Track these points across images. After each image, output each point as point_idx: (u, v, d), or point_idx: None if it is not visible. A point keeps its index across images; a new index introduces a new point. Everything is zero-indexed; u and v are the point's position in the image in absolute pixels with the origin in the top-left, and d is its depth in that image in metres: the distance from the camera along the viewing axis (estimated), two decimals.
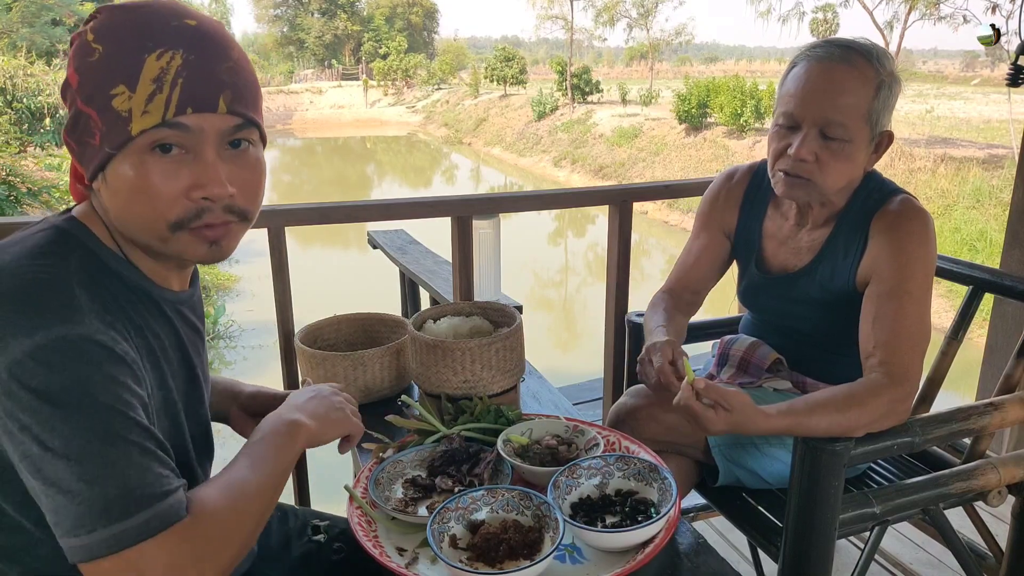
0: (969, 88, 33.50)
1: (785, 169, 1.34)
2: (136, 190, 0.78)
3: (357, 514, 1.06)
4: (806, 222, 1.46)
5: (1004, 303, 2.38)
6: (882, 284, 1.31)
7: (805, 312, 1.48)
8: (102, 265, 0.82)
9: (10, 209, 8.01)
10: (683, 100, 19.19)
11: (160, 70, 0.75)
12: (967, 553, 1.38)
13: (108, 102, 0.75)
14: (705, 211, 1.61)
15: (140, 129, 0.75)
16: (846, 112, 1.27)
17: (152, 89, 0.75)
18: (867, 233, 1.36)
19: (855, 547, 2.05)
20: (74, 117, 0.79)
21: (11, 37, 21.49)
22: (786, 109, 1.32)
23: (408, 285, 4.63)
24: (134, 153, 0.77)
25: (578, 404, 3.38)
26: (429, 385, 1.38)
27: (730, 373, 1.57)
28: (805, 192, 1.35)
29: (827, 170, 1.31)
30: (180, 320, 0.93)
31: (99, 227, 0.84)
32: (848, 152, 1.30)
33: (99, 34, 0.77)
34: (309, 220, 1.86)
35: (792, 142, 1.32)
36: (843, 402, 1.20)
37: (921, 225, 1.32)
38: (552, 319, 10.62)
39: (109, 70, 0.75)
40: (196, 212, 0.80)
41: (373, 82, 44.36)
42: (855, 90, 1.27)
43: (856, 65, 1.27)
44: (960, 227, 11.43)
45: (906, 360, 1.25)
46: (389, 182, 25.11)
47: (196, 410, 0.95)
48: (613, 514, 1.05)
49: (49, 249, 0.78)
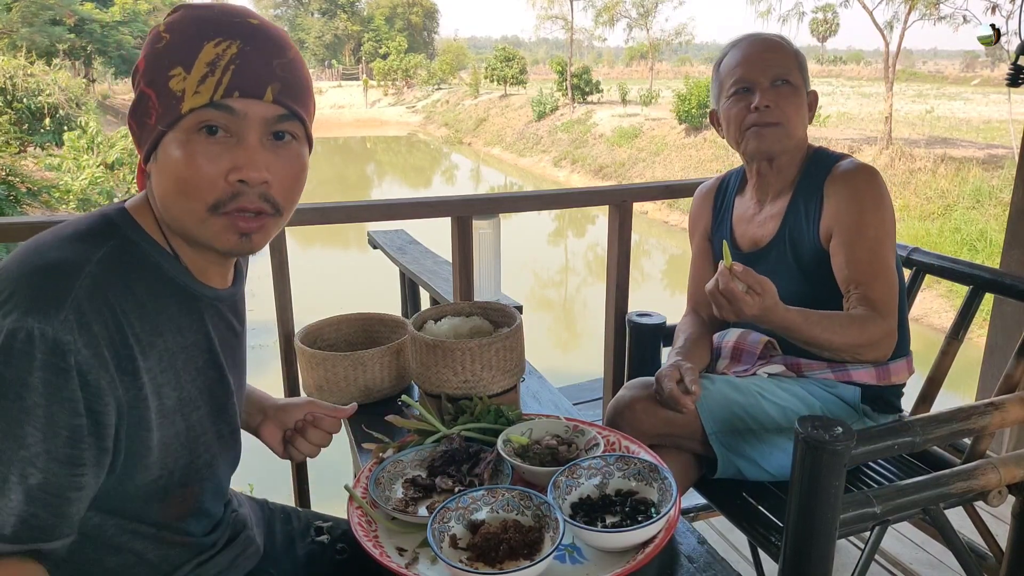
0: (969, 88, 33.52)
1: (753, 122, 1.52)
2: (181, 168, 0.81)
3: (357, 514, 1.06)
4: (766, 195, 1.62)
5: (1004, 303, 2.38)
6: (846, 233, 1.46)
7: (783, 283, 1.51)
8: (141, 256, 0.84)
9: (10, 209, 8.02)
10: (683, 100, 19.20)
11: (216, 55, 0.79)
12: (967, 553, 1.38)
13: (166, 83, 0.80)
14: (690, 228, 1.81)
15: (189, 107, 0.79)
16: (787, 64, 1.53)
17: (205, 71, 0.79)
18: (822, 194, 1.52)
19: (855, 547, 2.05)
20: (137, 99, 0.83)
21: (11, 37, 21.49)
22: (736, 78, 1.54)
23: (408, 285, 4.63)
24: (182, 131, 0.80)
25: (578, 404, 3.38)
26: (429, 385, 1.38)
27: (725, 364, 1.59)
28: (776, 137, 1.52)
29: (787, 111, 1.51)
30: (216, 318, 0.93)
31: (147, 218, 0.86)
32: (798, 97, 1.53)
33: (170, 26, 0.83)
34: (309, 220, 1.86)
35: (751, 100, 1.51)
36: (845, 320, 1.40)
37: (870, 175, 1.48)
38: (552, 319, 10.61)
39: (171, 54, 0.80)
40: (232, 194, 0.82)
41: (373, 82, 44.39)
42: (783, 51, 1.55)
43: (773, 38, 1.57)
44: (960, 227, 11.43)
45: (884, 296, 1.42)
46: (389, 182, 25.11)
47: (222, 412, 0.94)
48: (613, 514, 1.04)
49: (86, 235, 0.81)
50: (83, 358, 0.74)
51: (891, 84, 16.61)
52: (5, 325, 0.72)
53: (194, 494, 0.91)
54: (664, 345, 1.88)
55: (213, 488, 0.96)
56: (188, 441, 0.88)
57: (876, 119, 17.82)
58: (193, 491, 0.91)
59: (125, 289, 0.80)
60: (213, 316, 0.92)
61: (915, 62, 62.28)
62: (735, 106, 1.54)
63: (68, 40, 25.78)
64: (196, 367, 0.88)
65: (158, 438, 0.83)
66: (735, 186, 1.72)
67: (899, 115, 18.53)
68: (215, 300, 0.92)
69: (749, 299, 1.28)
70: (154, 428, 0.82)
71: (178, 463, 0.87)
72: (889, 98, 16.23)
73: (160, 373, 0.83)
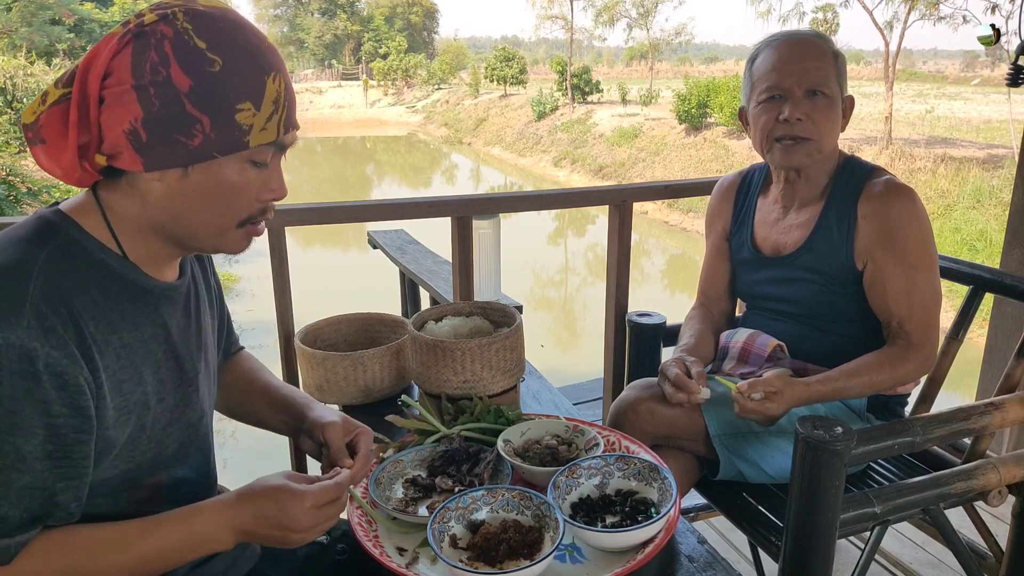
0: (969, 88, 33.50)
1: (783, 135, 1.45)
2: (227, 191, 0.86)
3: (358, 514, 1.06)
4: (792, 202, 1.56)
5: (1004, 303, 2.38)
6: (883, 267, 1.42)
7: (801, 292, 1.53)
8: (85, 254, 0.84)
9: (10, 209, 8.02)
10: (683, 100, 19.17)
11: (277, 92, 0.84)
12: (967, 553, 1.38)
13: (231, 115, 0.82)
14: (707, 222, 1.77)
15: (257, 143, 0.84)
16: (824, 71, 1.43)
17: (271, 110, 0.84)
18: (855, 212, 1.46)
19: (855, 547, 2.05)
20: (173, 114, 0.80)
21: (11, 37, 21.48)
22: (769, 84, 1.46)
23: (408, 285, 4.64)
24: (240, 160, 0.85)
25: (578, 404, 3.38)
26: (429, 385, 1.38)
27: (731, 365, 1.59)
28: (805, 152, 1.46)
29: (820, 125, 1.44)
30: (170, 309, 0.94)
31: (90, 218, 0.86)
32: (832, 108, 1.45)
33: (213, 44, 0.81)
34: (309, 220, 1.86)
35: (782, 110, 1.44)
36: (875, 365, 1.39)
37: (908, 202, 1.42)
38: (552, 319, 10.61)
39: (235, 86, 0.81)
40: (261, 210, 0.90)
41: (373, 82, 44.36)
42: (821, 56, 1.44)
43: (812, 40, 1.47)
44: (960, 227, 11.43)
45: (923, 325, 1.41)
46: (389, 182, 25.10)
47: (188, 401, 0.96)
48: (613, 514, 1.05)
49: (27, 237, 0.81)
50: (54, 360, 0.75)
51: (891, 84, 16.60)
52: None
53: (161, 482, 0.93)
54: (665, 345, 1.88)
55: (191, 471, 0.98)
56: (154, 433, 0.90)
57: (876, 119, 17.79)
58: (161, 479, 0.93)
59: (76, 288, 0.81)
60: (168, 308, 0.93)
61: (915, 62, 62.22)
62: (765, 113, 1.47)
63: (68, 40, 25.76)
64: (155, 359, 0.90)
65: (120, 434, 0.85)
66: (758, 184, 1.66)
67: (899, 115, 18.50)
68: (168, 291, 0.93)
69: (771, 404, 1.32)
70: (111, 426, 0.83)
71: (145, 455, 0.89)
72: (889, 98, 16.22)
73: (119, 370, 0.84)
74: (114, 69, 0.80)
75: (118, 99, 0.80)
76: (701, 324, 1.66)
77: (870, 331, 1.48)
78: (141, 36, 0.80)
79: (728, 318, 1.75)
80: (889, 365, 1.39)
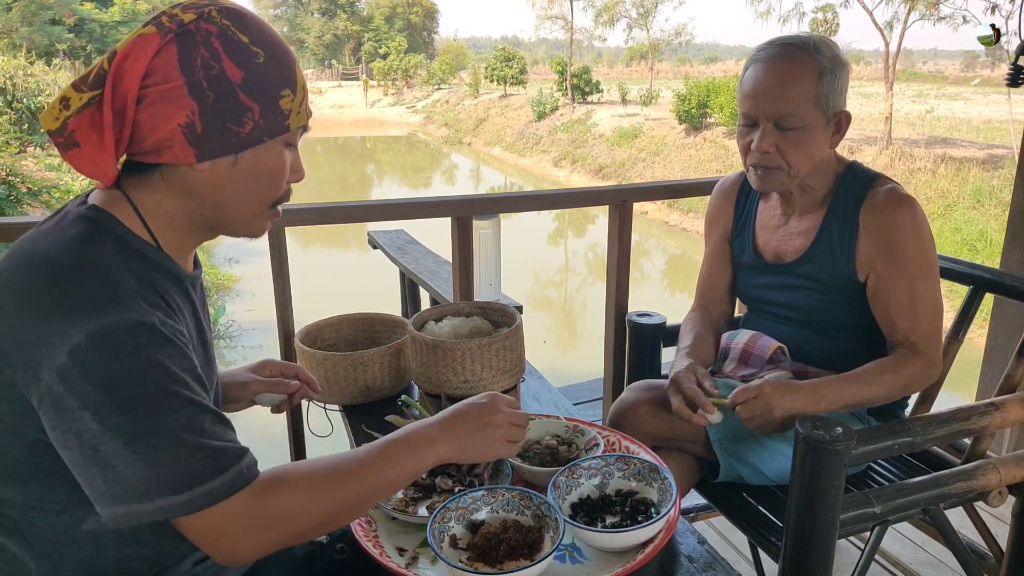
0: (969, 88, 33.51)
1: (754, 163, 1.45)
2: (272, 173, 0.92)
3: None
4: (792, 210, 1.55)
5: (1004, 303, 2.38)
6: (885, 278, 1.42)
7: (803, 300, 1.53)
8: (131, 248, 0.86)
9: (10, 209, 8.01)
10: (683, 100, 19.17)
11: (303, 80, 0.92)
12: (967, 553, 1.38)
13: (276, 101, 0.88)
14: (708, 222, 1.75)
15: (296, 126, 0.92)
16: (795, 102, 1.37)
17: (302, 96, 0.92)
18: (857, 222, 1.45)
19: (855, 547, 2.05)
20: (228, 105, 0.85)
21: (11, 37, 21.48)
22: (744, 110, 1.44)
23: (408, 285, 4.63)
24: (280, 143, 0.91)
25: (578, 404, 3.38)
26: (429, 385, 1.38)
27: (731, 366, 1.58)
28: (776, 180, 1.45)
29: (790, 157, 1.41)
30: (196, 297, 0.99)
31: (123, 211, 0.88)
32: (805, 138, 1.40)
33: (253, 38, 0.87)
34: (309, 220, 1.86)
35: (753, 138, 1.43)
36: (876, 372, 1.36)
37: (910, 213, 1.40)
38: (552, 319, 10.61)
39: (277, 75, 0.88)
40: (287, 192, 0.97)
41: (373, 82, 44.36)
42: (800, 80, 1.37)
43: (797, 59, 1.38)
44: (960, 227, 11.43)
45: (927, 334, 1.40)
46: (389, 182, 25.10)
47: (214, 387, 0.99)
48: (613, 514, 1.05)
49: (86, 236, 0.83)
50: (170, 327, 0.82)
51: (891, 84, 16.61)
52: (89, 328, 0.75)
53: None
54: (665, 345, 1.87)
55: None
56: None
57: (876, 119, 17.80)
58: None
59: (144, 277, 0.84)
60: (195, 295, 0.98)
61: (915, 62, 62.22)
62: (741, 137, 1.47)
63: (68, 40, 25.76)
64: (193, 344, 0.91)
65: None
66: None
67: (899, 115, 18.50)
68: (194, 280, 0.97)
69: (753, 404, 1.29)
70: None
71: None
72: (889, 98, 16.23)
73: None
74: (156, 68, 0.82)
75: (164, 96, 0.82)
76: (700, 326, 1.65)
77: (872, 336, 1.47)
78: (185, 35, 0.83)
79: (727, 320, 1.74)
80: (891, 369, 1.37)
